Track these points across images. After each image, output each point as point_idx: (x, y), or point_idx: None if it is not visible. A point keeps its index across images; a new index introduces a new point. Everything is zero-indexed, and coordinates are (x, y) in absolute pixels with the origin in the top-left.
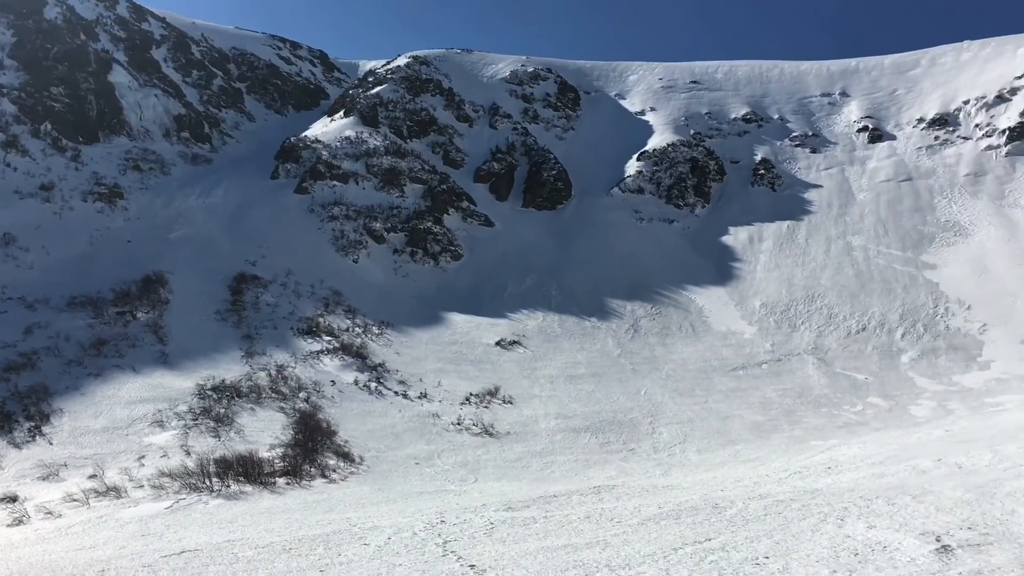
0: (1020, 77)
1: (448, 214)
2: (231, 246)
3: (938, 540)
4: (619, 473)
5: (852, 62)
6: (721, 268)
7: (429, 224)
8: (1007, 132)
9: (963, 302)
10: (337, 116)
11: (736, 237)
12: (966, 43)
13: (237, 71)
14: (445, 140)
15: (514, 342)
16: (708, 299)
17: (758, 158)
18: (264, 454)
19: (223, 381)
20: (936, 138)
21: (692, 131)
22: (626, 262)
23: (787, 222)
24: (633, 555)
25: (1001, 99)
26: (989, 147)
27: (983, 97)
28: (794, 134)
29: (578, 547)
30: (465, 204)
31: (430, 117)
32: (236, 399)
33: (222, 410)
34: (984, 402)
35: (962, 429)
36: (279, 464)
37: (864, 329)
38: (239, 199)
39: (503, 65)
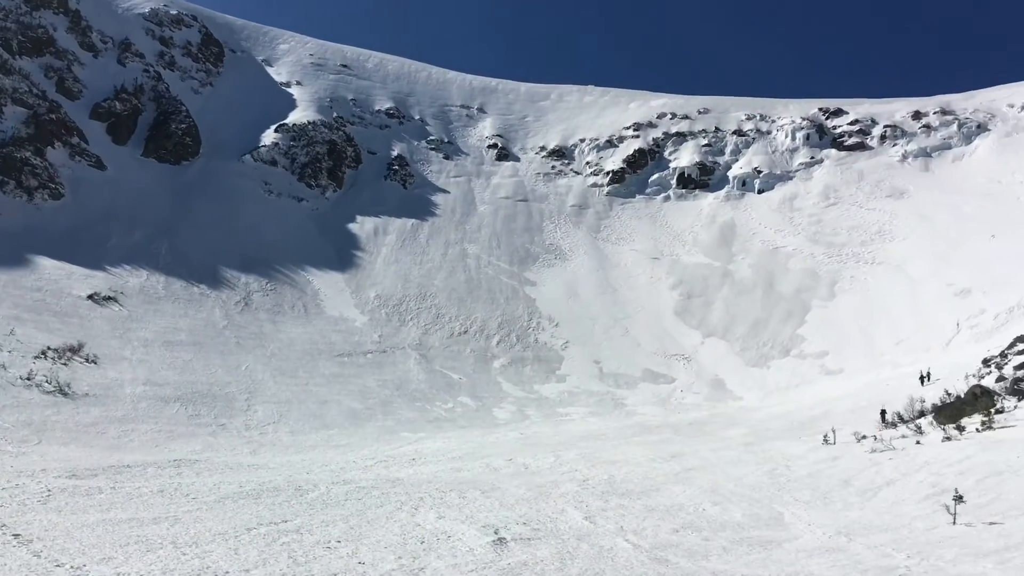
0: (628, 128)
1: (53, 147)
2: None
3: (496, 533)
4: (205, 448)
5: (493, 82)
6: (343, 254)
7: (28, 154)
8: (610, 174)
9: (553, 319)
10: None
11: (362, 226)
12: (591, 87)
13: None
14: (63, 66)
15: (110, 298)
16: (326, 283)
17: (395, 153)
18: None
19: None
20: (553, 167)
21: (335, 114)
22: (248, 233)
23: (412, 220)
24: (203, 533)
25: (610, 144)
26: (594, 184)
27: (596, 139)
28: (431, 138)
29: (144, 522)
30: (76, 140)
31: (48, 37)
32: None
33: None
34: (556, 411)
35: (534, 433)
36: None
37: (466, 332)
38: None
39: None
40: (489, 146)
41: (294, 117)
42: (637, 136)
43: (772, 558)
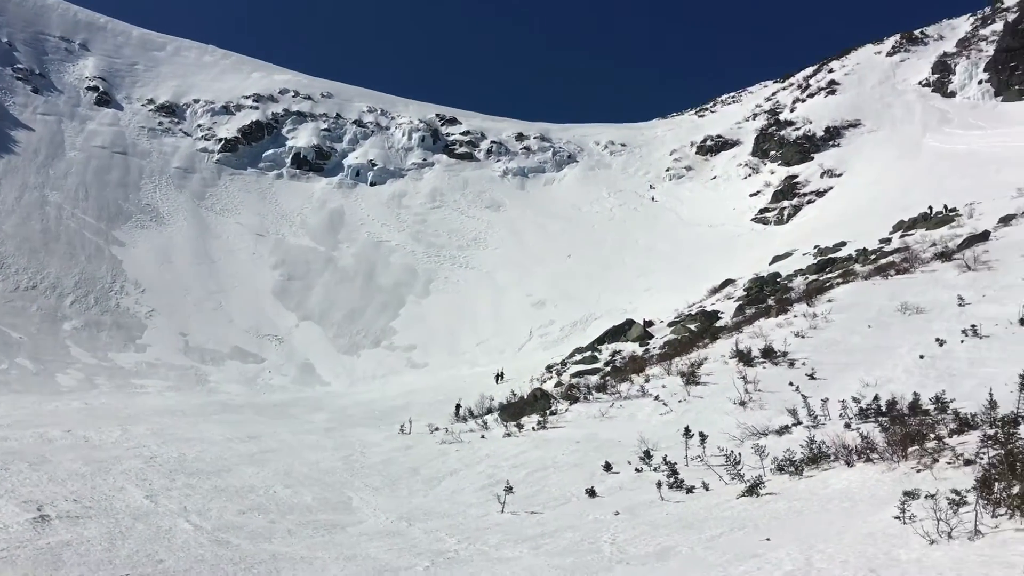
0: (248, 97)
1: None
2: None
3: (39, 509)
4: None
5: (102, 18)
6: None
7: None
8: (223, 142)
9: (140, 284)
10: None
11: None
12: (212, 47)
13: None
14: None
15: None
16: None
17: None
18: None
19: None
20: (160, 124)
21: None
22: None
23: None
24: None
25: (227, 110)
26: (205, 149)
27: (212, 103)
28: (19, 66)
29: None
30: None
31: None
32: None
33: None
34: (131, 382)
35: (102, 404)
36: None
37: (35, 287)
38: None
39: None
40: (89, 88)
41: None
42: (256, 108)
43: (335, 541)
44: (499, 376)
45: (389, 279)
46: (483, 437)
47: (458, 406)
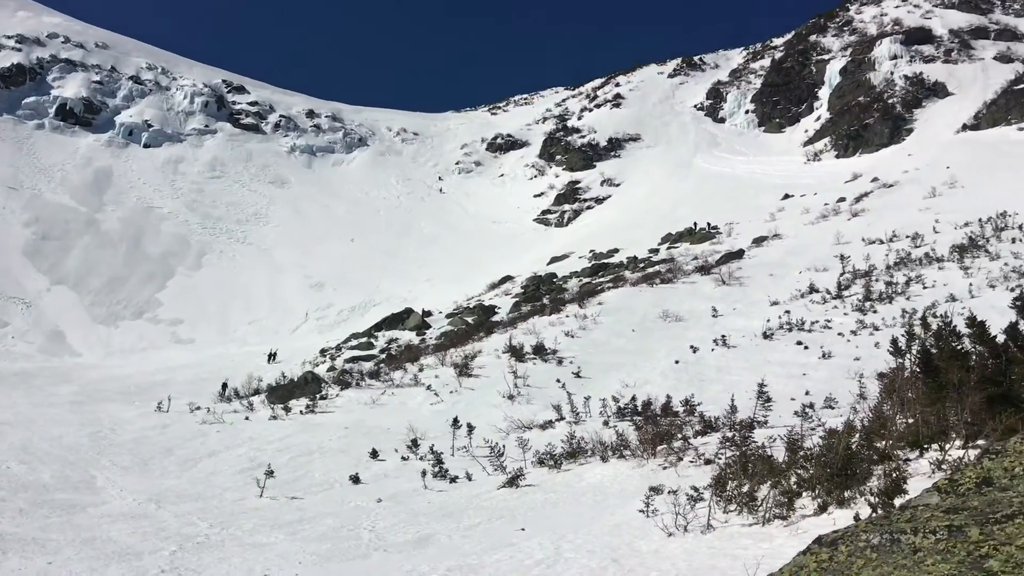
0: (11, 37)
1: None
2: None
3: None
4: None
5: None
6: None
7: None
8: None
9: None
10: None
11: None
12: None
13: None
14: None
15: None
16: None
17: None
18: None
19: None
20: None
21: None
22: None
23: None
24: None
25: None
26: None
27: None
28: None
29: None
30: None
31: None
32: None
33: None
34: None
35: None
36: None
37: None
38: None
39: None
40: None
41: None
42: (19, 50)
43: (72, 522)
44: (271, 356)
45: (158, 248)
46: (247, 419)
47: (224, 385)
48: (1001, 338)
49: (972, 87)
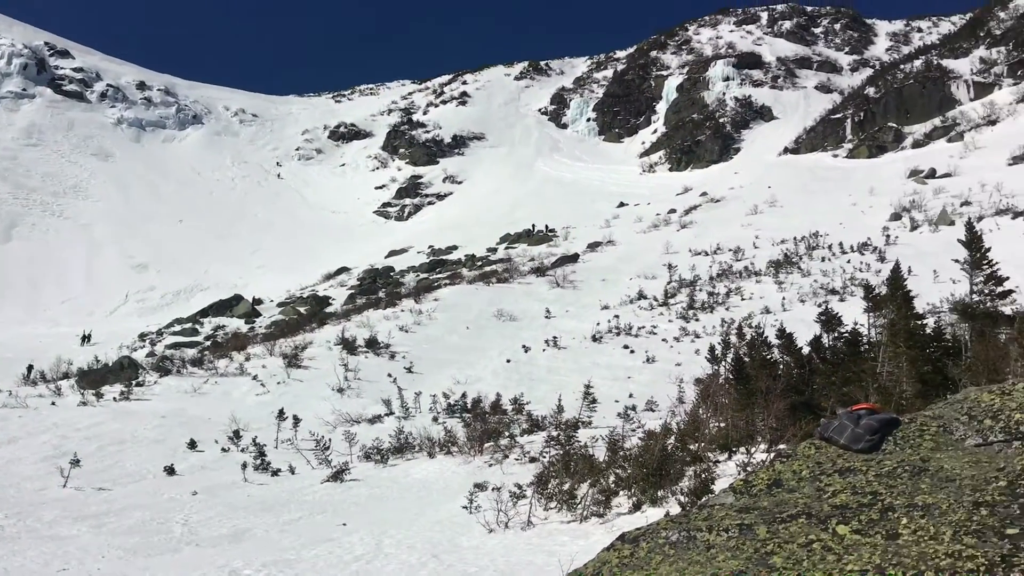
0: None
1: None
2: None
3: None
4: None
5: None
6: None
7: None
8: None
9: None
10: None
11: None
12: None
13: None
14: None
15: None
16: None
17: None
18: None
19: None
20: None
21: None
22: None
23: None
24: None
25: None
26: None
27: None
28: None
29: None
30: None
31: None
32: None
33: None
34: None
35: None
36: None
37: None
38: None
39: None
40: None
41: None
42: None
43: None
44: (85, 339)
45: None
46: (54, 404)
47: (30, 367)
48: (807, 350)
49: (795, 113)
